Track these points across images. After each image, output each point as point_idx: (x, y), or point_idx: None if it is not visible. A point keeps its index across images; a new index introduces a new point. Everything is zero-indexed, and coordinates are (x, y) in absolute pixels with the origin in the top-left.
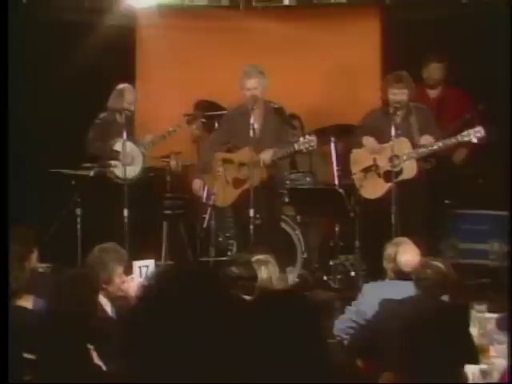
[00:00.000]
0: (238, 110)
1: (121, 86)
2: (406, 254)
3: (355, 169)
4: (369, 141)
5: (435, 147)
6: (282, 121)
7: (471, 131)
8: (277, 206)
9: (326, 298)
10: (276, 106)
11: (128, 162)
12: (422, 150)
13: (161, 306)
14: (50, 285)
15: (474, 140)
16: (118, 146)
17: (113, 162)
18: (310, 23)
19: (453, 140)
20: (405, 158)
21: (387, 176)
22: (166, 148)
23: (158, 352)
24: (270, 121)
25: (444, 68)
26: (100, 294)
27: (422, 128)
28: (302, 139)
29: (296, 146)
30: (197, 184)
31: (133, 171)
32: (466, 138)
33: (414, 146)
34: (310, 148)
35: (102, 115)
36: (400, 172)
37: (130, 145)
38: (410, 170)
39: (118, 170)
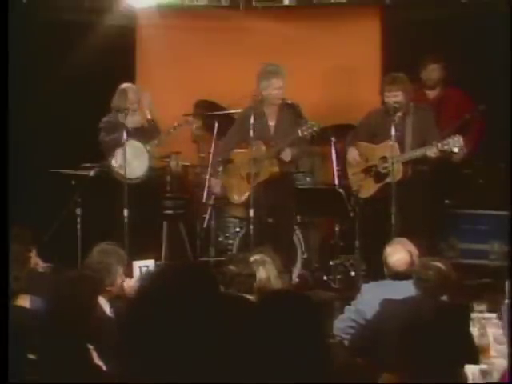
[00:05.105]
0: (251, 110)
1: (123, 85)
2: (394, 254)
3: (351, 170)
4: (352, 153)
5: (417, 153)
6: (296, 116)
7: (451, 140)
8: (288, 204)
9: (326, 298)
10: (289, 102)
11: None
12: (409, 155)
13: (156, 305)
14: (49, 285)
15: (456, 150)
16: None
17: (117, 163)
18: (309, 23)
19: (434, 149)
20: (391, 160)
21: (377, 177)
22: (166, 148)
23: (156, 352)
24: (284, 118)
25: (441, 68)
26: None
27: (419, 129)
28: (304, 126)
29: (300, 133)
30: (213, 183)
31: (139, 170)
32: (446, 147)
33: (406, 147)
34: (314, 133)
35: (105, 119)
36: (388, 174)
37: (134, 143)
38: (395, 172)
39: (123, 169)
